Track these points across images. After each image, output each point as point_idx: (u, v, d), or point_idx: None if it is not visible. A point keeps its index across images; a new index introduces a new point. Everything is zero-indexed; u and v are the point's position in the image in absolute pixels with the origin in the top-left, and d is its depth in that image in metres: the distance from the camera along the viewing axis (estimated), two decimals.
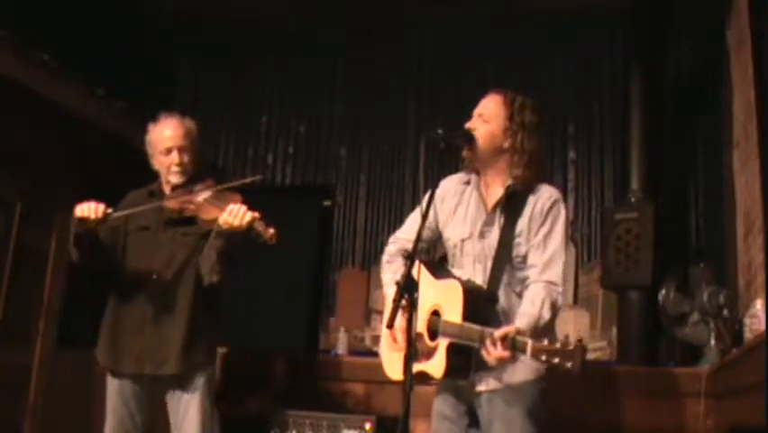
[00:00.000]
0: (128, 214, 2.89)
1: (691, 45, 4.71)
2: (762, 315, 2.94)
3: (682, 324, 3.83)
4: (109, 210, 2.78)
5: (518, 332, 2.23)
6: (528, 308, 2.40)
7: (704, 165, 4.65)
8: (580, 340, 2.13)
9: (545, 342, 2.15)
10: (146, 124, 3.11)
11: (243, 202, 2.78)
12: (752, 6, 3.25)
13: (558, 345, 2.12)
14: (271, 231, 2.71)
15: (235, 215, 2.71)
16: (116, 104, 4.36)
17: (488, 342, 2.24)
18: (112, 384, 2.95)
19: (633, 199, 4.27)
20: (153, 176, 3.11)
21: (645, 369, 3.85)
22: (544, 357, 2.14)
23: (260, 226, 2.71)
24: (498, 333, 2.24)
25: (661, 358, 4.09)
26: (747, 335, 3.14)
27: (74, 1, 4.61)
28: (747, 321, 3.16)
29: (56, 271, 4.02)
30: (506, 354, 2.22)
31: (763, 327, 2.85)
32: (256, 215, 2.73)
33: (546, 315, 2.38)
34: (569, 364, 2.10)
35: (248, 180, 3.00)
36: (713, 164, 4.39)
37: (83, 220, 2.74)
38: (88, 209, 2.73)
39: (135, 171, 3.13)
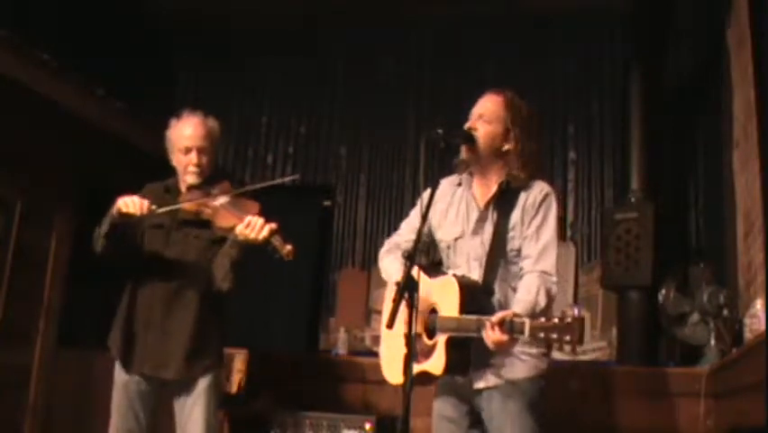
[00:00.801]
0: (168, 210, 2.84)
1: (691, 45, 4.71)
2: (762, 315, 2.94)
3: (682, 324, 3.83)
4: (153, 207, 2.76)
5: (515, 315, 2.25)
6: (524, 295, 2.42)
7: (704, 165, 4.65)
8: (578, 314, 2.15)
9: (542, 319, 2.18)
10: (146, 123, 3.10)
11: (261, 212, 2.75)
12: (752, 6, 3.25)
13: (556, 320, 2.14)
14: (288, 247, 2.67)
15: (253, 227, 2.68)
16: (116, 104, 4.36)
17: (487, 326, 2.26)
18: (118, 382, 2.93)
19: (633, 199, 4.26)
20: (153, 176, 3.11)
21: (645, 369, 3.85)
22: (542, 334, 2.16)
23: (277, 241, 2.67)
24: (495, 317, 2.26)
25: (661, 358, 4.09)
26: (747, 335, 3.14)
27: (74, 1, 4.61)
28: (747, 321, 3.16)
29: (56, 271, 4.02)
30: (504, 337, 2.24)
31: (763, 327, 2.85)
32: (274, 227, 2.69)
33: (542, 302, 2.40)
34: (567, 338, 2.11)
35: (267, 184, 2.98)
36: (713, 164, 4.39)
37: (125, 215, 2.73)
38: (133, 205, 2.72)
39: (135, 171, 3.13)
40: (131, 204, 2.72)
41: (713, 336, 3.68)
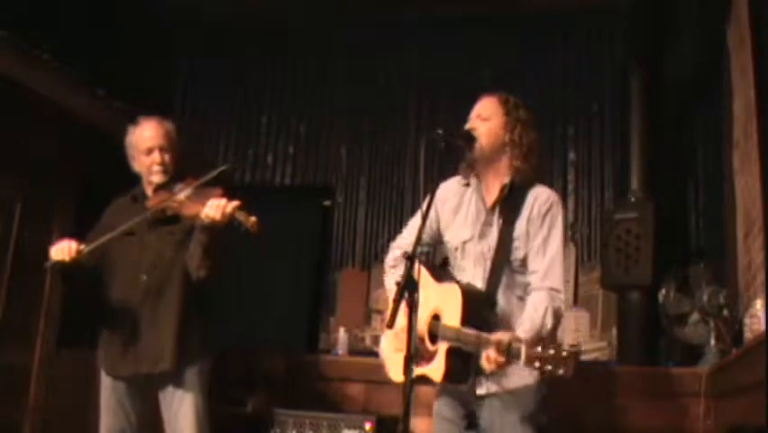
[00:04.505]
0: (99, 244, 2.88)
1: (691, 45, 4.71)
2: (762, 315, 2.94)
3: (682, 324, 3.83)
4: (81, 246, 2.84)
5: (514, 339, 2.24)
6: (531, 313, 2.41)
7: (704, 165, 4.65)
8: (574, 346, 2.15)
9: (539, 349, 2.15)
10: None
11: (224, 195, 2.80)
12: (752, 6, 3.25)
13: (551, 351, 2.12)
14: (253, 219, 2.74)
15: (216, 207, 2.74)
16: (116, 104, 4.36)
17: (483, 348, 2.26)
18: (105, 383, 2.97)
19: (633, 199, 4.26)
20: None
21: (645, 369, 3.85)
22: (537, 364, 2.14)
23: (241, 216, 2.74)
24: (493, 338, 2.25)
25: (661, 358, 4.09)
26: (747, 335, 3.14)
27: (74, 1, 4.61)
28: (747, 321, 3.16)
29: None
30: (501, 359, 2.23)
31: (763, 327, 2.85)
32: (236, 204, 2.76)
33: (549, 323, 2.39)
34: (561, 372, 2.11)
35: (221, 169, 3.03)
36: (713, 164, 4.39)
37: (57, 262, 2.81)
38: (61, 252, 2.80)
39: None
40: (59, 251, 2.81)
41: (713, 336, 3.68)
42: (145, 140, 3.04)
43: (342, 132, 5.55)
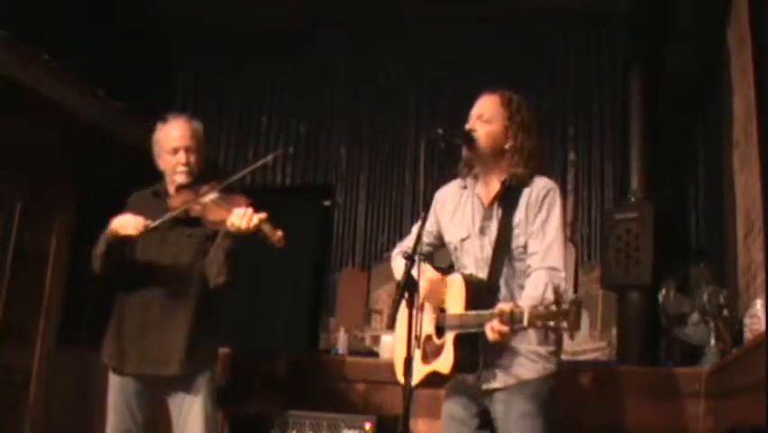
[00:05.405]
0: (161, 223, 2.86)
1: (691, 45, 4.71)
2: (762, 315, 2.94)
3: (682, 324, 3.83)
4: (147, 222, 2.81)
5: (515, 306, 2.25)
6: (531, 291, 2.42)
7: (704, 165, 4.66)
8: (575, 298, 2.16)
9: (540, 308, 2.17)
10: (146, 124, 3.12)
11: (250, 204, 2.78)
12: (752, 6, 3.25)
13: (553, 307, 2.14)
14: (279, 233, 2.71)
15: (243, 217, 2.71)
16: (116, 104, 4.36)
17: (487, 323, 2.28)
18: (113, 382, 2.96)
19: (633, 199, 4.26)
20: (153, 176, 3.11)
21: (645, 369, 3.85)
22: (540, 323, 2.17)
23: (267, 229, 2.71)
24: (496, 309, 2.27)
25: (661, 358, 4.09)
26: (747, 335, 3.14)
27: (74, 1, 4.61)
28: (747, 321, 3.16)
29: (56, 271, 4.01)
30: (504, 328, 2.24)
31: (763, 327, 2.85)
32: (263, 216, 2.73)
33: (549, 297, 2.37)
34: (565, 325, 2.11)
35: (254, 167, 3.13)
36: (713, 164, 4.39)
37: (123, 236, 2.78)
38: (129, 226, 2.78)
39: (135, 171, 3.14)
40: (127, 225, 2.78)
41: (713, 336, 3.68)
42: (172, 139, 3.02)
43: (342, 132, 5.55)
